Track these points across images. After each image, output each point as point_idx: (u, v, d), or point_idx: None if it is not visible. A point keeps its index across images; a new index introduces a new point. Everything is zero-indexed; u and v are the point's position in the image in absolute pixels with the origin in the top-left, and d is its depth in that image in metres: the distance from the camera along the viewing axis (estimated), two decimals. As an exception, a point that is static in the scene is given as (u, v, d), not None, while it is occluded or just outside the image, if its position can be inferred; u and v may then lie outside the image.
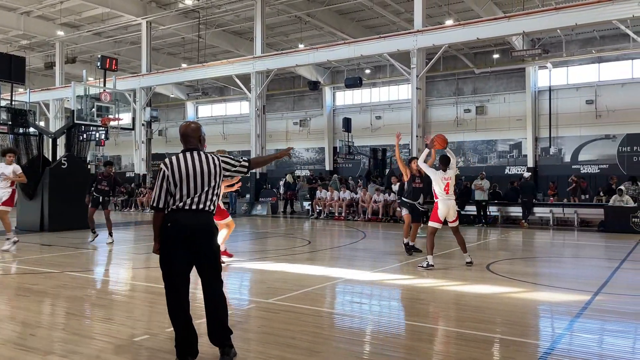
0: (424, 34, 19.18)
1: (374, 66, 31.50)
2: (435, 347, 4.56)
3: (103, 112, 15.91)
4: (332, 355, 4.31)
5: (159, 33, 28.18)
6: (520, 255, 11.18)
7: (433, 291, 6.96)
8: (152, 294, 6.62)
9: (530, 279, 7.95)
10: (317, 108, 34.38)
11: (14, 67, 16.42)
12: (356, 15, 25.90)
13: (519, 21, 17.81)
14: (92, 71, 27.07)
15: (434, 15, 23.94)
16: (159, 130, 36.91)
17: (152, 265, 8.92)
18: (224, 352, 3.96)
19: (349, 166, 32.24)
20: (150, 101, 27.99)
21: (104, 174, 12.00)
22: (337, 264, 9.10)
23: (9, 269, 8.21)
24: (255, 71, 23.26)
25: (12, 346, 4.39)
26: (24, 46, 31.40)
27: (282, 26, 27.63)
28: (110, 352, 4.26)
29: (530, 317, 5.81)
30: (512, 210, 18.36)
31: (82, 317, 5.55)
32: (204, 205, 3.95)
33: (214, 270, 4.00)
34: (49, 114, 31.46)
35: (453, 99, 29.71)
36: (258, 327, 5.13)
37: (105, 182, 11.83)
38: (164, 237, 3.92)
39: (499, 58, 27.35)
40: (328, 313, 5.78)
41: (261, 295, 6.53)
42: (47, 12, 27.11)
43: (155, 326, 5.11)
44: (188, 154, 4.02)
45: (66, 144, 16.38)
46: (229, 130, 36.33)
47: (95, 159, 27.39)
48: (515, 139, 28.16)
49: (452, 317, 5.58)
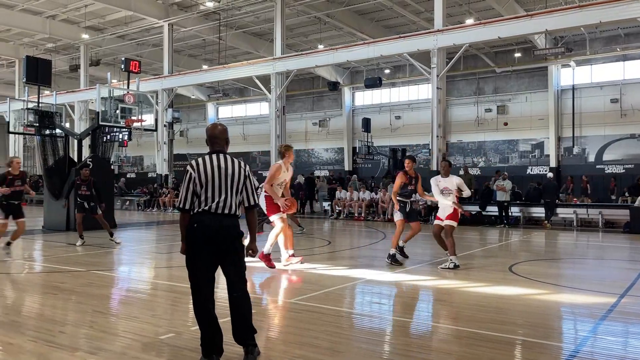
0: (445, 34, 19.06)
1: (393, 66, 31.38)
2: (456, 348, 4.56)
3: (126, 113, 16.10)
4: (354, 355, 4.34)
5: (180, 35, 28.52)
6: (542, 256, 11.05)
7: (454, 292, 6.94)
8: (176, 292, 6.73)
9: (553, 280, 7.87)
10: (336, 108, 34.39)
11: (41, 70, 16.79)
12: (376, 15, 25.84)
13: (541, 19, 17.58)
14: (115, 73, 27.50)
15: (454, 14, 23.76)
16: (180, 131, 37.28)
17: (174, 264, 9.06)
18: (247, 350, 4.01)
19: (369, 166, 32.16)
20: (172, 102, 28.33)
21: (82, 178, 11.45)
22: (357, 265, 9.12)
23: (38, 268, 8.41)
24: (275, 72, 23.38)
25: (42, 343, 4.52)
26: (50, 49, 32.08)
27: (302, 27, 27.72)
28: (136, 350, 4.35)
29: (553, 319, 5.76)
30: (534, 211, 18.14)
31: (108, 314, 5.68)
32: (229, 208, 4.01)
33: (237, 270, 4.05)
34: (74, 115, 32.02)
35: (474, 98, 29.43)
36: (281, 326, 5.19)
37: (84, 186, 11.35)
38: (189, 238, 3.99)
39: (520, 57, 27.01)
40: (349, 313, 5.81)
41: (283, 295, 6.58)
42: (72, 15, 27.66)
43: (180, 324, 5.20)
44: (214, 156, 4.08)
45: (91, 145, 16.64)
46: (249, 131, 36.55)
47: (119, 160, 27.82)
48: (538, 138, 27.77)
49: (473, 319, 5.55)
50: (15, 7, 26.32)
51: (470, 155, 29.60)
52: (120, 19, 27.52)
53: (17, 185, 9.33)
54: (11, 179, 9.29)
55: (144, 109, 17.34)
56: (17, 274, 8.26)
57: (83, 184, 11.34)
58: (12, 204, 9.34)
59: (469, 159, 29.44)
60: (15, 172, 9.44)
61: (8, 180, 9.26)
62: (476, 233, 15.43)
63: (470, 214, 18.49)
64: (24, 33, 29.78)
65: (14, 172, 9.41)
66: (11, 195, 9.28)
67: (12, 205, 9.34)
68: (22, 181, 9.50)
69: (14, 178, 9.34)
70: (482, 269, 8.65)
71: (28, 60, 16.97)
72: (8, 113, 18.32)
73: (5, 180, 9.27)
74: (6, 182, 9.26)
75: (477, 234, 15.12)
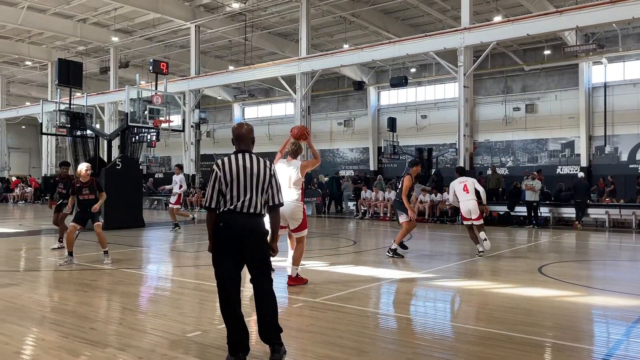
0: (472, 32, 18.82)
1: (419, 65, 31.14)
2: (483, 350, 4.49)
3: (154, 114, 16.35)
4: (379, 355, 4.32)
5: (207, 36, 28.86)
6: (573, 257, 10.81)
7: (481, 293, 6.85)
8: (202, 291, 6.81)
9: (584, 282, 7.70)
10: (361, 108, 34.31)
11: (72, 72, 17.23)
12: (401, 14, 25.68)
13: (571, 15, 17.20)
14: (143, 75, 28.03)
15: (481, 12, 23.45)
16: (207, 131, 37.72)
17: (201, 263, 9.17)
18: (273, 349, 4.02)
19: (394, 166, 31.99)
20: (199, 103, 28.66)
21: (61, 176, 10.95)
22: (382, 265, 9.08)
23: (70, 266, 8.62)
24: (300, 72, 23.45)
25: (73, 339, 4.63)
26: (81, 52, 32.86)
27: (327, 27, 27.74)
28: (164, 347, 4.42)
29: (584, 322, 5.63)
30: (564, 212, 17.77)
31: (137, 312, 5.78)
32: (255, 208, 4.04)
33: (263, 269, 4.08)
34: (104, 116, 32.71)
35: (501, 97, 29.00)
36: (306, 325, 5.20)
37: (62, 184, 10.79)
38: (216, 237, 4.03)
39: (550, 54, 26.49)
40: (374, 313, 5.79)
41: (308, 294, 6.60)
42: (102, 19, 28.28)
43: (206, 322, 5.27)
44: (240, 156, 4.11)
45: (120, 146, 16.95)
46: (274, 131, 36.74)
47: (147, 160, 28.28)
48: (568, 137, 27.20)
49: (500, 320, 5.46)
50: (48, 11, 27.04)
51: (498, 155, 29.18)
52: (148, 21, 28.00)
53: (85, 194, 8.98)
54: (79, 187, 8.97)
55: (171, 109, 17.59)
56: (50, 271, 8.47)
57: (61, 182, 10.79)
58: (86, 212, 8.92)
59: (497, 158, 29.03)
60: (84, 181, 9.02)
61: (76, 188, 8.98)
62: (504, 234, 15.20)
63: (498, 215, 18.23)
64: (56, 36, 30.58)
65: (82, 180, 9.02)
66: (81, 204, 8.96)
67: (86, 213, 8.92)
68: (91, 189, 9.02)
69: (82, 186, 8.99)
70: (511, 270, 8.52)
71: (60, 63, 17.42)
72: (41, 115, 18.85)
73: (74, 188, 9.00)
74: (74, 190, 9.00)
75: (505, 235, 14.90)
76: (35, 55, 33.35)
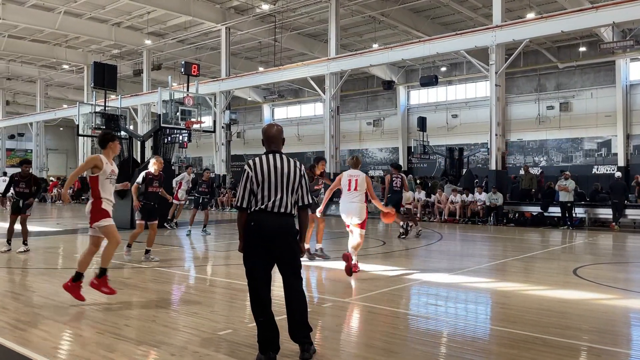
0: (503, 29, 18.49)
1: (449, 63, 30.79)
2: (516, 352, 4.41)
3: (186, 115, 16.61)
4: (409, 356, 4.29)
5: (237, 38, 29.18)
6: (609, 259, 10.52)
7: (514, 295, 6.73)
8: (233, 290, 6.89)
9: (621, 285, 7.48)
10: (390, 107, 34.12)
11: (107, 75, 17.64)
12: (431, 12, 25.44)
13: (608, 11, 16.73)
14: (175, 77, 28.47)
15: (513, 9, 23.03)
16: (237, 132, 38.14)
17: (232, 262, 9.28)
18: (303, 348, 4.05)
19: (424, 166, 31.72)
20: (230, 104, 29.01)
21: (22, 174, 10.28)
22: (412, 266, 9.01)
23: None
24: (329, 72, 23.46)
25: (109, 335, 4.75)
26: (115, 55, 33.66)
27: (356, 27, 27.69)
28: (196, 344, 4.49)
29: (621, 326, 5.47)
30: (601, 212, 17.29)
31: (170, 310, 5.89)
32: (285, 207, 4.07)
33: (293, 269, 4.10)
34: (137, 118, 33.42)
35: (534, 95, 28.42)
36: (336, 325, 5.20)
37: (23, 183, 10.20)
38: (247, 236, 4.07)
39: (585, 51, 25.81)
40: (404, 314, 5.75)
41: (338, 294, 6.60)
42: (136, 22, 28.92)
43: (237, 321, 5.32)
44: (271, 156, 4.15)
45: (153, 146, 17.27)
46: (304, 131, 36.88)
47: (179, 160, 28.73)
48: (604, 136, 26.48)
49: (534, 322, 5.33)
50: (84, 16, 27.80)
51: (531, 154, 28.61)
52: (180, 24, 28.50)
53: (155, 187, 9.05)
54: (150, 179, 9.04)
55: (202, 111, 17.83)
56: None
57: (22, 180, 10.23)
58: (149, 204, 8.95)
59: (530, 158, 28.47)
60: (156, 173, 9.09)
61: (148, 180, 9.02)
62: (538, 235, 14.90)
63: (531, 215, 17.88)
64: (91, 40, 31.42)
65: (154, 173, 9.09)
66: (148, 196, 8.99)
67: (148, 206, 8.97)
68: (160, 183, 9.11)
69: (153, 178, 9.03)
70: (545, 271, 8.34)
71: (96, 66, 17.86)
72: (78, 117, 19.37)
73: (145, 179, 9.03)
74: (145, 181, 9.02)
75: (538, 236, 14.60)
76: (71, 59, 34.33)
